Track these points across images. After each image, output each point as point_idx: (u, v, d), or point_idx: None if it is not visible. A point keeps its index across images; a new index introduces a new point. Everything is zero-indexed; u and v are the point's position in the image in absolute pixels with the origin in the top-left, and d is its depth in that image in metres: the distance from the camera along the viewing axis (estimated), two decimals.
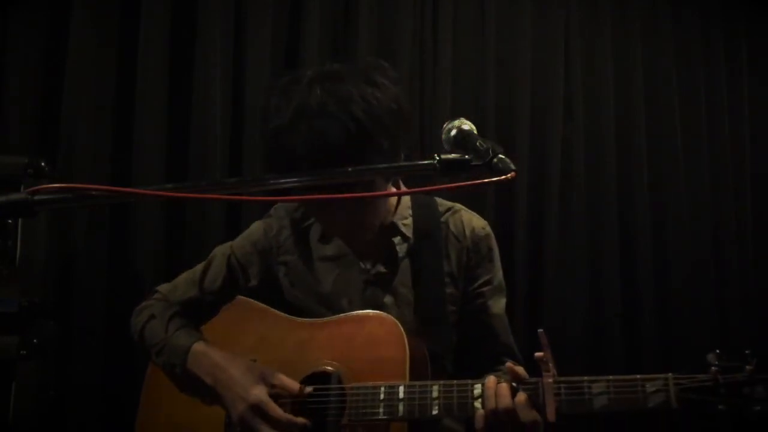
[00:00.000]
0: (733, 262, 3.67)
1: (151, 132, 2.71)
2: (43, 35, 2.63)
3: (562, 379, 1.39)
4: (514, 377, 1.43)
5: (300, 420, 1.54)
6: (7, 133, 2.55)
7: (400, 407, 1.49)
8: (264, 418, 1.54)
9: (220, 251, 1.84)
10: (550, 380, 1.38)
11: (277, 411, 1.54)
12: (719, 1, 3.81)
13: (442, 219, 1.77)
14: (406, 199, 1.76)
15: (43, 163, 2.08)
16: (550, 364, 1.39)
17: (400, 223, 1.72)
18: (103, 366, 2.58)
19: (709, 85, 3.74)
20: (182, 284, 1.82)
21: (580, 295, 3.32)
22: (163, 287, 1.84)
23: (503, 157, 1.13)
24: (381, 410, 1.50)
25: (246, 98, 2.85)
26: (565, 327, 3.24)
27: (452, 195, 1.88)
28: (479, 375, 1.74)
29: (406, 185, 1.74)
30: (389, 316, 1.61)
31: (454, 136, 1.22)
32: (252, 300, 1.82)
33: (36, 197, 0.98)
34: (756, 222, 3.76)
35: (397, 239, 1.72)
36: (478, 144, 1.16)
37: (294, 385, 1.58)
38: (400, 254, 1.73)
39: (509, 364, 1.47)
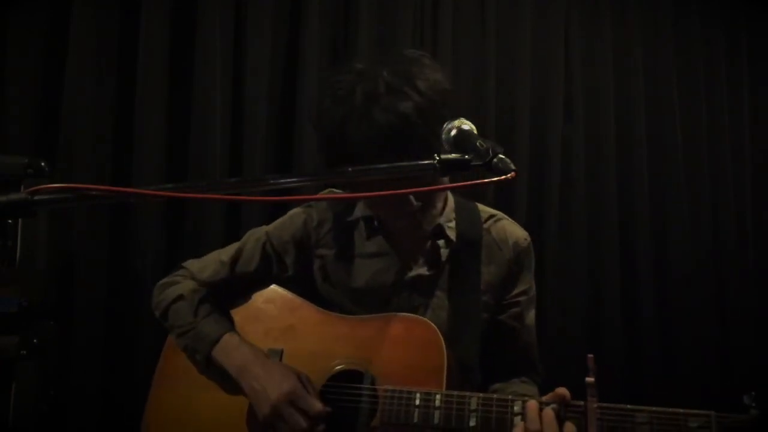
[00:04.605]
0: (733, 262, 3.67)
1: (151, 132, 2.70)
2: (43, 35, 2.63)
3: (605, 405, 1.38)
4: (561, 400, 1.41)
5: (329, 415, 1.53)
6: (7, 133, 2.55)
7: (436, 415, 1.47)
8: (299, 408, 1.53)
9: (254, 236, 1.80)
10: (595, 405, 1.37)
11: (315, 403, 1.53)
12: (719, 1, 3.81)
13: (485, 226, 1.75)
14: (451, 202, 1.75)
15: (43, 163, 2.07)
16: (596, 390, 1.38)
17: (446, 226, 1.70)
18: (103, 366, 2.58)
19: (709, 85, 3.75)
20: (212, 264, 1.78)
21: (580, 295, 3.33)
22: (191, 264, 1.80)
23: (503, 157, 1.12)
24: (416, 416, 1.48)
25: (246, 98, 2.85)
26: (565, 327, 3.24)
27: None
28: (499, 381, 1.75)
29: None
30: (429, 321, 1.59)
31: (454, 136, 1.21)
32: (283, 289, 1.78)
33: (36, 197, 0.98)
34: (756, 222, 3.77)
35: (441, 242, 1.70)
36: (478, 144, 1.16)
37: (316, 403, 1.55)
38: (443, 258, 1.70)
39: (559, 389, 1.43)
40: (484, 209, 1.80)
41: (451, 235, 1.70)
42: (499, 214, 1.81)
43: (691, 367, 3.45)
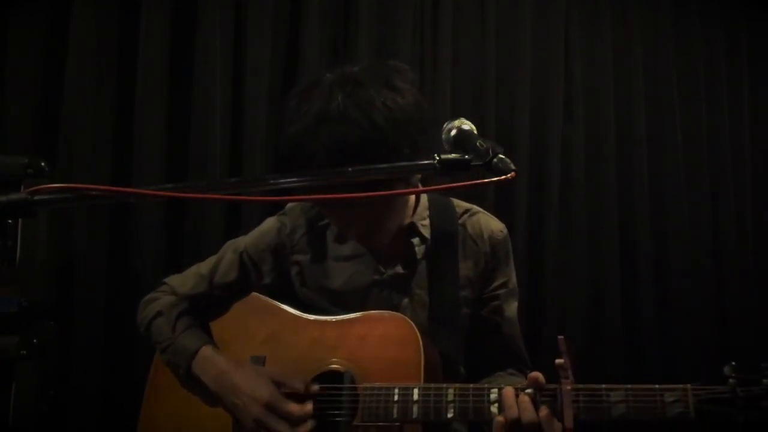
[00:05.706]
0: (733, 262, 3.67)
1: (151, 132, 2.71)
2: (43, 35, 2.63)
3: (581, 386, 1.38)
4: (535, 385, 1.41)
5: (312, 414, 1.54)
6: (7, 133, 2.55)
7: (415, 409, 1.47)
8: (280, 416, 1.53)
9: (232, 247, 1.82)
10: (569, 387, 1.37)
11: (292, 406, 1.54)
12: (719, 1, 3.81)
13: (460, 221, 1.75)
14: (425, 200, 1.74)
15: (43, 163, 2.07)
16: (569, 371, 1.38)
17: (419, 224, 1.70)
18: (103, 366, 2.58)
19: (709, 85, 3.75)
20: (192, 278, 1.80)
21: (580, 295, 3.33)
22: (172, 279, 1.82)
23: (503, 157, 1.12)
24: (395, 411, 1.49)
25: (246, 98, 2.85)
26: (565, 327, 3.24)
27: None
28: (487, 376, 1.74)
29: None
30: (404, 317, 1.60)
31: (454, 136, 1.21)
32: (263, 296, 1.79)
33: (36, 197, 0.98)
34: (756, 222, 3.77)
35: (416, 240, 1.70)
36: (478, 144, 1.16)
37: (299, 383, 1.57)
38: (418, 256, 1.70)
39: (533, 373, 1.44)
40: (460, 204, 1.79)
41: (426, 232, 1.70)
42: (475, 207, 1.79)
43: (691, 367, 3.45)
